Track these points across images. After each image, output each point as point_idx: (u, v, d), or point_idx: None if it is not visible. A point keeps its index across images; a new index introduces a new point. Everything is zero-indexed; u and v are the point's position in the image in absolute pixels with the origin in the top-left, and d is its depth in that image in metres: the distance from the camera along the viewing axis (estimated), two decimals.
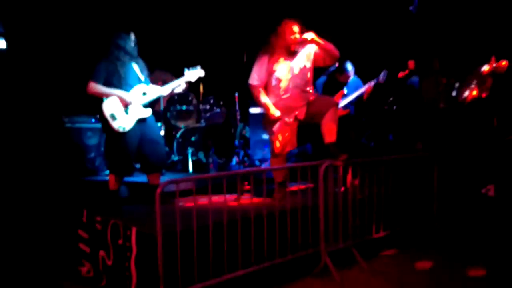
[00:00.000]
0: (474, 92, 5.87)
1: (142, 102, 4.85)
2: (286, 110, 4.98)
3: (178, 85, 5.08)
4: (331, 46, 4.88)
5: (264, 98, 4.99)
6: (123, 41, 4.82)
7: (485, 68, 5.69)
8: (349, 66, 6.16)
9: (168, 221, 3.37)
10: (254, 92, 5.05)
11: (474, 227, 5.36)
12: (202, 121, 7.29)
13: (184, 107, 7.14)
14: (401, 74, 6.52)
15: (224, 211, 3.72)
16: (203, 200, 4.22)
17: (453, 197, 5.62)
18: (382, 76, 6.05)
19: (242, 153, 7.50)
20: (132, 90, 4.81)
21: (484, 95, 5.86)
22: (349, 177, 4.80)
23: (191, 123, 7.20)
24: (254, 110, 7.92)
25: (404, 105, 7.04)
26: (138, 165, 5.86)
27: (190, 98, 7.24)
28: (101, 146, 6.78)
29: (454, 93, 6.29)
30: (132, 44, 4.86)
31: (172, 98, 7.20)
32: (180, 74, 5.08)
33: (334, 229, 4.44)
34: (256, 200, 4.29)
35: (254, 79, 5.01)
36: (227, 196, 3.78)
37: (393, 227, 5.02)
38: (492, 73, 5.74)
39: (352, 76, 6.25)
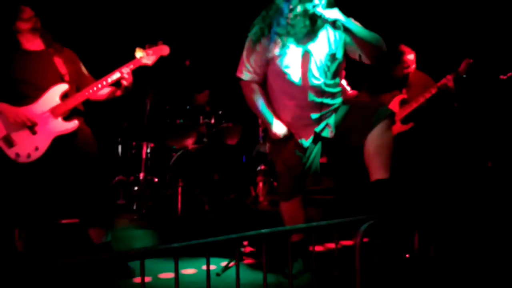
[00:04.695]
0: None
1: (63, 111, 3.06)
2: (299, 124, 3.01)
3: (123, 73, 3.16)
4: (369, 43, 2.82)
5: (260, 104, 3.02)
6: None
7: None
8: (408, 51, 4.08)
9: None
10: (245, 91, 3.09)
11: None
12: (204, 140, 5.26)
13: (181, 121, 5.10)
14: (503, 77, 4.35)
15: None
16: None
17: None
18: (464, 66, 3.92)
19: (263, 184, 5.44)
20: (44, 95, 3.07)
21: None
22: (416, 241, 2.68)
23: (189, 144, 5.16)
24: None
25: None
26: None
27: (187, 107, 5.25)
28: None
29: None
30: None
31: (162, 108, 5.21)
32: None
33: None
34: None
35: (245, 70, 3.04)
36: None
37: None
38: None
39: (413, 68, 4.16)
